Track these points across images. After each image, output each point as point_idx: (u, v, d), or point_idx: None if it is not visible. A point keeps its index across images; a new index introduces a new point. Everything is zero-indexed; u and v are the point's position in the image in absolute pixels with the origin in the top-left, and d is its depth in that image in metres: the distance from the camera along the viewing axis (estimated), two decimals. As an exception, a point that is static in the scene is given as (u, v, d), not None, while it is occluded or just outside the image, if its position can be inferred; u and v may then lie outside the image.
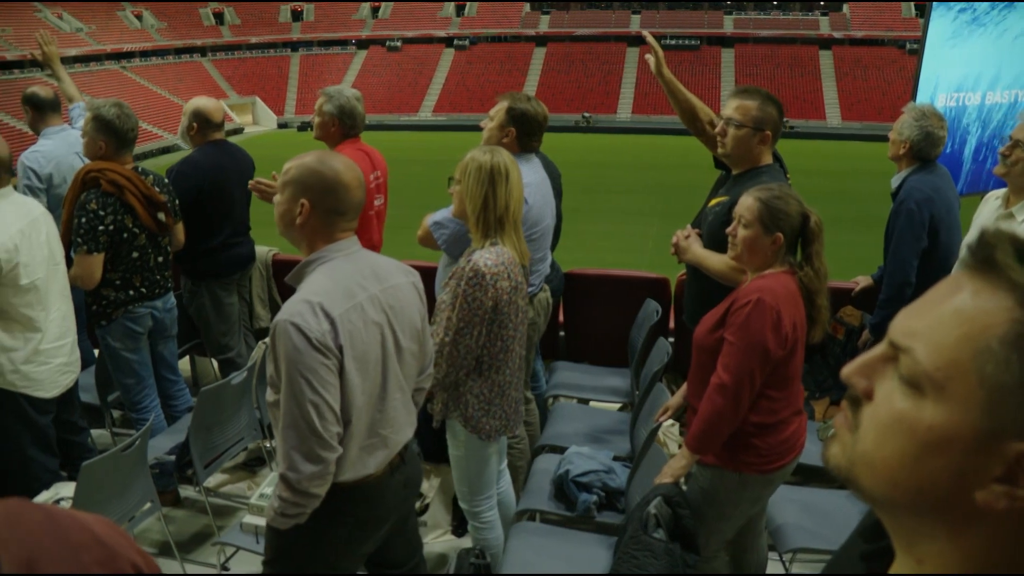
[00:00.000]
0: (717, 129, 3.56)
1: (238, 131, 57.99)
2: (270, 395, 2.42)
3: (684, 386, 3.49)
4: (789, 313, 2.79)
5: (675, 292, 5.27)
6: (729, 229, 2.97)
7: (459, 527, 4.18)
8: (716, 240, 3.43)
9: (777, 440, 2.95)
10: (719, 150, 3.59)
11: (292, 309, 2.27)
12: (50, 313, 3.78)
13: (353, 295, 2.37)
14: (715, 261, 3.42)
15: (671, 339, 4.63)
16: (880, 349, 0.86)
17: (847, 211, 25.64)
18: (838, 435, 0.88)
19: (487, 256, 3.08)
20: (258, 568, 3.89)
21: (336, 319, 2.28)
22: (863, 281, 4.75)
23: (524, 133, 3.91)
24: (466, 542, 4.06)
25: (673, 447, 4.68)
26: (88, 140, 4.21)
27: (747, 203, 2.89)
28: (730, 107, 3.49)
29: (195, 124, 4.83)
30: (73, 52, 56.16)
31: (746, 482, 2.97)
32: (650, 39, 4.06)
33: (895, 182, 4.29)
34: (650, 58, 3.97)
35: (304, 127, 56.03)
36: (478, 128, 4.05)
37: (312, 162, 2.43)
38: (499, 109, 3.92)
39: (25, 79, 49.77)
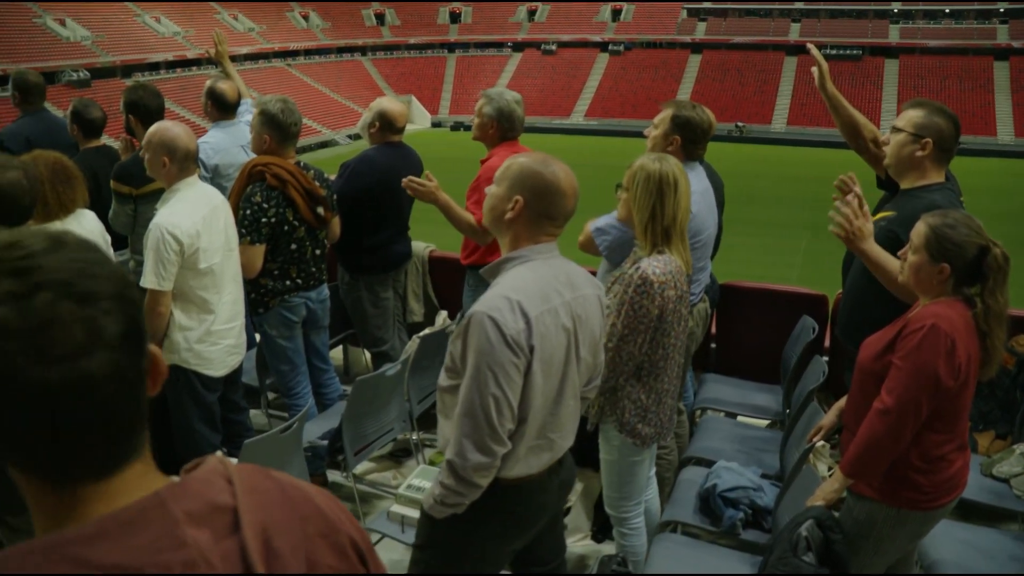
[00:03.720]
0: (882, 139, 3.46)
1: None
2: (444, 379, 2.47)
3: (836, 405, 3.39)
4: (964, 344, 2.66)
5: (832, 310, 5.10)
6: (901, 252, 2.87)
7: (599, 532, 4.17)
8: None
9: (941, 478, 2.82)
10: (884, 161, 3.47)
11: (491, 303, 2.31)
12: (223, 296, 3.98)
13: (549, 299, 2.40)
14: (894, 264, 3.04)
15: (825, 358, 4.48)
16: None
17: (1016, 232, 24.19)
18: None
19: (655, 264, 3.06)
20: (401, 556, 4.01)
21: (532, 319, 2.31)
22: None
23: (689, 141, 3.86)
24: (605, 548, 4.06)
25: (823, 468, 4.52)
26: (255, 134, 4.39)
27: (918, 227, 2.78)
28: (899, 117, 3.41)
29: (377, 123, 4.97)
30: (244, 50, 59.02)
31: (905, 518, 2.85)
32: (815, 52, 3.97)
33: None
34: (815, 71, 3.87)
35: (457, 127, 57.00)
36: (631, 134, 4.04)
37: (535, 162, 2.47)
38: (664, 117, 3.88)
39: (202, 75, 52.59)
